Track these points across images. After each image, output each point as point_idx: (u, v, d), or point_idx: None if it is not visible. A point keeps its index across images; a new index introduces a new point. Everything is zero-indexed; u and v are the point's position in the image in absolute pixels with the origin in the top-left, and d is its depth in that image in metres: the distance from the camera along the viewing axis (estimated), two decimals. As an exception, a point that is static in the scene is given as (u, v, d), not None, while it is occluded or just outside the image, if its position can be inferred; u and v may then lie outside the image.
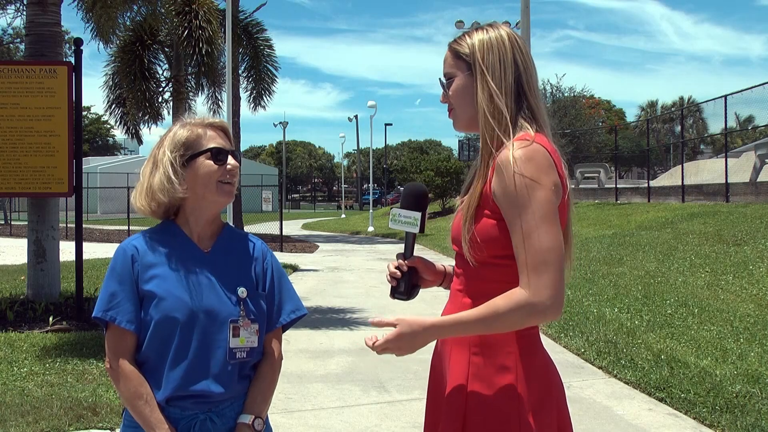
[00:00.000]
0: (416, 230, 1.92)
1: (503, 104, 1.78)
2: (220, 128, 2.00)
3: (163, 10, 16.38)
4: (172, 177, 1.90)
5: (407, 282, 1.93)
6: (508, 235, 1.72)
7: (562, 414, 1.82)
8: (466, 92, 1.84)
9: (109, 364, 1.89)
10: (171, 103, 19.11)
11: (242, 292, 1.95)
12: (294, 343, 7.16)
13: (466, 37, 1.86)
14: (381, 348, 1.76)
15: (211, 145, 1.93)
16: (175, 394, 1.86)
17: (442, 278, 2.03)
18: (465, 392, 1.76)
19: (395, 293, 1.93)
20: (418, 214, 1.91)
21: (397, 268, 1.94)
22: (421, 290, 2.01)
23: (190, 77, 19.11)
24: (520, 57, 1.84)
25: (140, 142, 21.52)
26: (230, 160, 1.95)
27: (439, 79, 1.90)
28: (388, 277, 1.95)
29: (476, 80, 1.81)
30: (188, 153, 1.92)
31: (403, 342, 1.74)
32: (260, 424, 1.94)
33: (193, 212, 1.96)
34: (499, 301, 1.68)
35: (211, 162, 1.92)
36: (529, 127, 1.80)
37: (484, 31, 1.86)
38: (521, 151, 1.70)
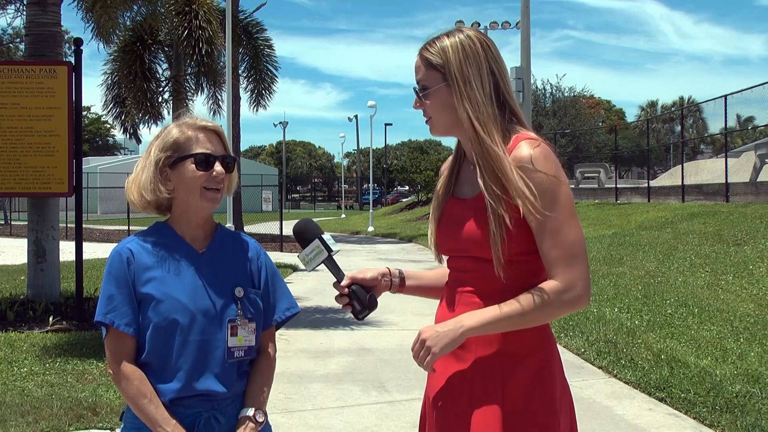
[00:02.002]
0: (327, 254, 1.94)
1: (488, 112, 1.79)
2: (214, 132, 1.96)
3: (163, 10, 16.37)
4: (156, 177, 1.90)
5: (359, 299, 1.93)
6: (528, 233, 1.74)
7: (571, 412, 1.86)
8: (444, 102, 1.83)
9: (110, 368, 1.89)
10: (171, 103, 19.13)
11: (239, 291, 1.95)
12: (294, 343, 7.16)
13: (437, 44, 1.84)
14: (420, 352, 1.76)
15: (198, 150, 1.90)
16: (178, 396, 1.86)
17: (387, 278, 2.00)
18: (500, 392, 1.76)
19: (358, 315, 1.94)
20: (317, 242, 1.94)
21: (340, 295, 1.94)
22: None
23: (190, 77, 19.13)
24: (494, 63, 1.83)
25: (138, 141, 21.54)
26: (217, 166, 1.91)
27: (414, 88, 1.89)
28: (343, 308, 1.95)
29: (456, 93, 1.80)
30: (175, 155, 1.91)
31: (437, 333, 1.74)
32: (261, 416, 1.95)
33: (183, 214, 1.96)
34: (536, 295, 1.72)
35: (194, 168, 1.89)
36: (518, 128, 1.82)
37: (455, 38, 1.83)
38: (537, 150, 1.74)
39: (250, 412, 1.94)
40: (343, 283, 1.94)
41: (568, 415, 1.84)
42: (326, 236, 1.95)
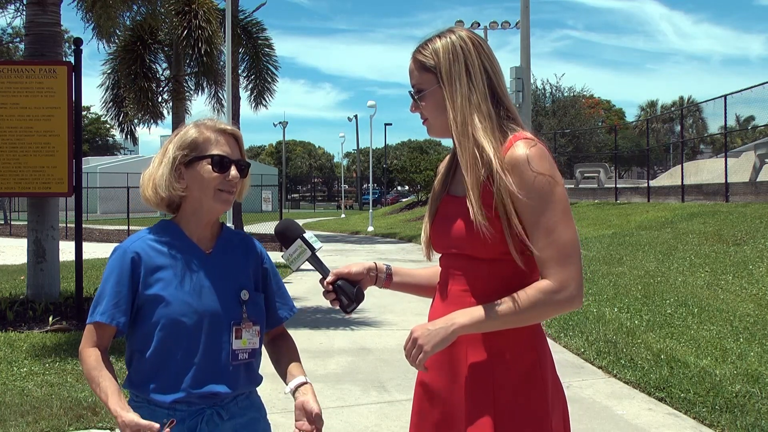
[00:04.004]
0: (310, 252, 1.96)
1: (484, 111, 1.79)
2: (232, 135, 1.97)
3: (162, 10, 16.37)
4: (172, 175, 1.91)
5: (346, 294, 1.94)
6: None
7: (564, 411, 1.87)
8: (439, 104, 1.83)
9: (83, 347, 1.90)
10: (171, 103, 19.13)
11: (244, 294, 1.95)
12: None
13: (429, 46, 1.84)
14: (412, 351, 1.76)
15: (215, 152, 1.91)
16: (183, 397, 1.86)
17: (374, 273, 2.02)
18: (492, 391, 1.76)
19: (346, 309, 1.95)
20: (299, 242, 1.96)
21: (326, 291, 1.96)
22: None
23: (190, 77, 19.13)
24: (487, 62, 1.84)
25: (134, 141, 21.53)
26: (233, 170, 1.92)
27: (409, 91, 1.90)
28: (330, 304, 1.97)
29: (449, 93, 1.80)
30: (192, 154, 1.92)
31: (428, 331, 1.74)
32: (307, 379, 2.01)
33: (194, 213, 1.96)
34: (528, 294, 1.72)
35: (210, 168, 1.90)
36: (515, 127, 1.82)
37: (446, 39, 1.83)
38: (533, 150, 1.74)
39: (302, 378, 1.99)
40: (329, 279, 1.95)
41: (561, 413, 1.84)
42: (308, 235, 1.97)
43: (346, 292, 1.94)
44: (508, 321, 1.73)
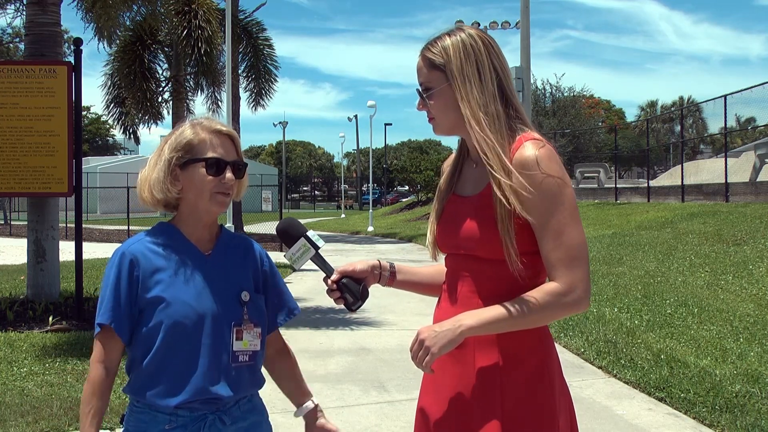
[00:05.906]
0: (313, 251, 1.96)
1: (493, 111, 1.78)
2: (228, 136, 1.94)
3: (162, 10, 16.38)
4: (167, 177, 1.89)
5: (351, 292, 1.94)
6: (529, 233, 1.74)
7: (571, 412, 1.86)
8: (447, 102, 1.82)
9: (92, 365, 1.89)
10: (171, 103, 19.14)
11: (245, 295, 1.94)
12: (294, 343, 7.14)
13: (438, 44, 1.83)
14: (418, 352, 1.74)
15: (210, 155, 1.89)
16: (185, 401, 1.84)
17: (377, 270, 2.00)
18: (499, 393, 1.76)
19: (351, 307, 1.94)
20: (302, 240, 1.96)
21: (331, 290, 1.95)
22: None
23: (189, 77, 19.14)
24: (497, 61, 1.83)
25: (137, 141, 21.57)
26: (228, 172, 1.90)
27: (417, 89, 1.88)
28: (334, 302, 1.96)
29: (459, 92, 1.79)
30: (187, 156, 1.89)
31: (435, 333, 1.72)
32: (317, 400, 2.12)
33: (190, 215, 1.95)
34: (536, 296, 1.71)
35: (205, 172, 1.88)
36: (523, 127, 1.81)
37: (456, 37, 1.82)
38: (542, 151, 1.73)
39: (315, 400, 2.12)
40: (334, 277, 1.94)
41: (568, 415, 1.83)
42: (311, 233, 1.96)
43: (351, 290, 1.93)
44: (515, 323, 1.72)
